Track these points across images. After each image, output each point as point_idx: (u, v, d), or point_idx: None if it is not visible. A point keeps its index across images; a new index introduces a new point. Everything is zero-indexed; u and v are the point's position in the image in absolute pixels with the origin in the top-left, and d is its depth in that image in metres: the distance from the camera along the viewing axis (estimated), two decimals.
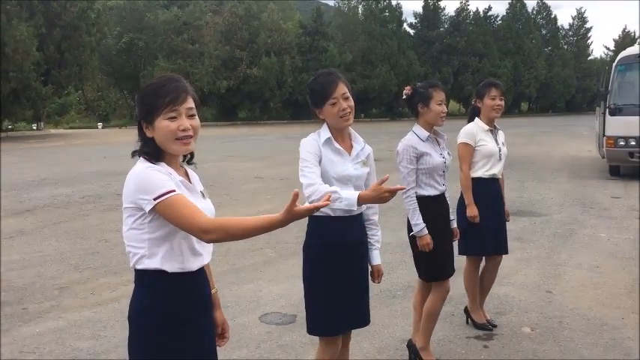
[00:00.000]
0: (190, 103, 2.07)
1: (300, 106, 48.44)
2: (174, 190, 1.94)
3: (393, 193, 2.43)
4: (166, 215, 1.94)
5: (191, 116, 2.07)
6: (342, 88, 2.85)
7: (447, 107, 3.96)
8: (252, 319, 4.76)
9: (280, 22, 47.94)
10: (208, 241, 1.97)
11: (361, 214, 3.02)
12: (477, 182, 4.34)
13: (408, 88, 3.86)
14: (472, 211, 4.25)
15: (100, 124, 42.09)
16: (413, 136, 3.76)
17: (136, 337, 2.09)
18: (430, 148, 3.74)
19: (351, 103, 2.89)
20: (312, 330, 3.04)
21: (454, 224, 4.01)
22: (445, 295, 3.90)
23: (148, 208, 1.95)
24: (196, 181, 2.23)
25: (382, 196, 2.46)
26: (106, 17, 39.62)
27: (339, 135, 2.95)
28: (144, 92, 2.09)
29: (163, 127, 2.03)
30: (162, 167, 2.06)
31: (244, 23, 46.61)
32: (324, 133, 2.92)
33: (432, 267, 3.81)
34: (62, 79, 35.28)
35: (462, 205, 4.39)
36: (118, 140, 26.91)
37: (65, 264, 6.48)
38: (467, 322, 4.60)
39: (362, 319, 3.08)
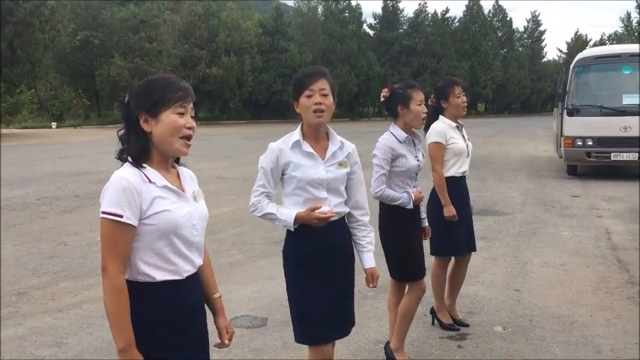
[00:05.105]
0: (191, 105, 2.05)
1: (260, 106, 48.22)
2: (121, 216, 1.89)
3: (321, 220, 2.68)
4: (100, 231, 1.93)
5: (192, 117, 2.05)
6: (323, 84, 2.73)
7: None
8: None
9: (240, 21, 47.60)
10: (103, 281, 1.93)
11: (342, 218, 2.89)
12: (450, 181, 4.28)
13: (386, 90, 3.79)
14: (450, 211, 4.19)
15: (54, 124, 40.94)
16: (391, 137, 3.69)
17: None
18: (406, 150, 3.69)
19: (328, 102, 2.73)
20: (299, 338, 2.94)
21: (425, 223, 3.99)
22: (421, 295, 3.87)
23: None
24: (189, 181, 2.16)
25: (312, 221, 2.70)
26: (60, 14, 38.44)
27: (314, 134, 2.80)
28: (150, 84, 2.02)
29: (171, 120, 1.97)
30: (147, 171, 1.98)
31: (203, 22, 46.09)
32: (295, 135, 2.79)
33: (408, 266, 3.77)
34: (14, 78, 34.16)
35: (433, 205, 4.32)
36: (73, 140, 26.28)
37: (23, 268, 6.23)
38: (432, 324, 4.57)
39: (349, 325, 2.98)
